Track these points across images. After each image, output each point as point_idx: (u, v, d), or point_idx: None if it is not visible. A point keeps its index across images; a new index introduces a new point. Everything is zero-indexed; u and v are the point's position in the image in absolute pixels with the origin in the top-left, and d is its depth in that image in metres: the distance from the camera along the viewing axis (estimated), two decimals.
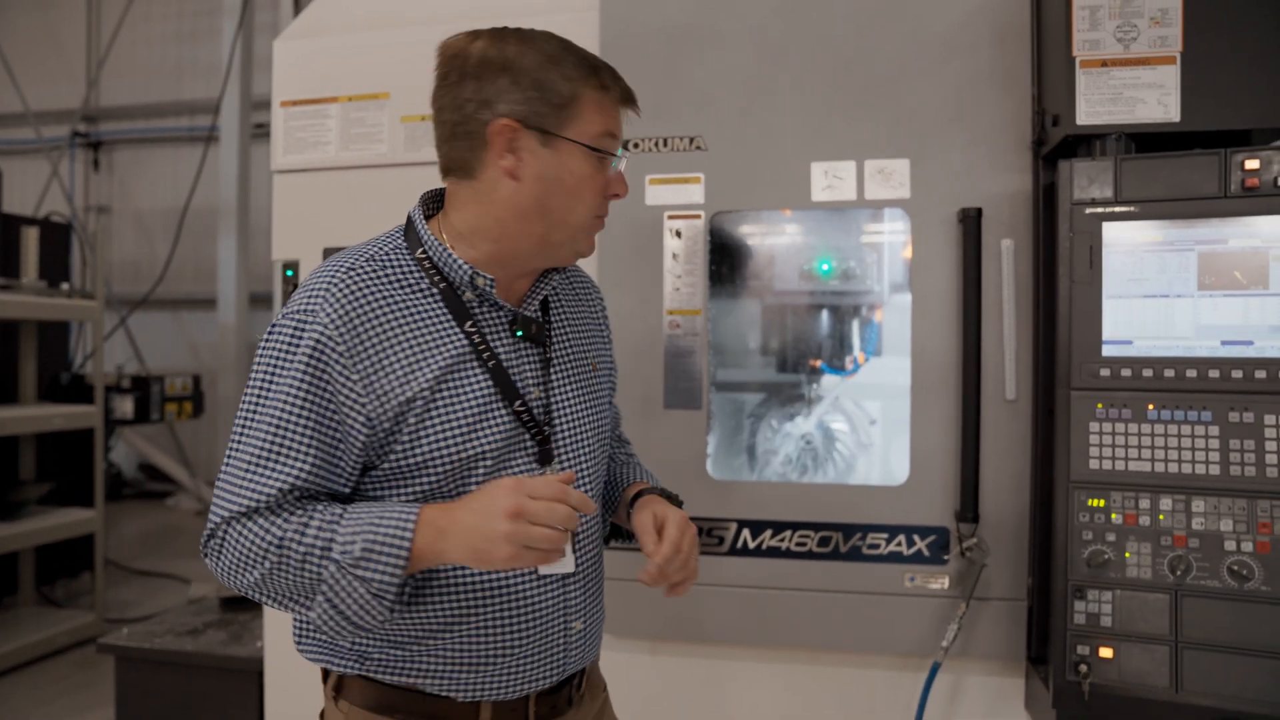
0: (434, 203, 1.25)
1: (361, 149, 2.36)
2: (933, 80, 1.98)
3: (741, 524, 2.06)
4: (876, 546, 2.00)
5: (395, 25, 2.37)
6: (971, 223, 1.91)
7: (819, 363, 2.44)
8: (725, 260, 2.33)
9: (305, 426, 1.08)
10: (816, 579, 2.03)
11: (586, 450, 1.26)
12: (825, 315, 2.44)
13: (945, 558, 1.96)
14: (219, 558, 1.09)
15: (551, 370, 1.24)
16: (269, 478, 1.07)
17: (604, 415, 1.34)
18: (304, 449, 1.08)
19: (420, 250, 1.18)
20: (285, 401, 1.08)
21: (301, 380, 1.08)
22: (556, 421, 1.22)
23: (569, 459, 1.23)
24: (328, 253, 2.40)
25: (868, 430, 2.40)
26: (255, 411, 1.09)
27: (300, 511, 1.08)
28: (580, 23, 2.21)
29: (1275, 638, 1.51)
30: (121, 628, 2.91)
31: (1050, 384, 1.89)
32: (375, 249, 1.18)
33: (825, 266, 2.39)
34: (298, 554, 1.05)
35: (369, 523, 1.06)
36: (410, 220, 1.22)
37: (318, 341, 1.08)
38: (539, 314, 1.26)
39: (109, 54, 8.16)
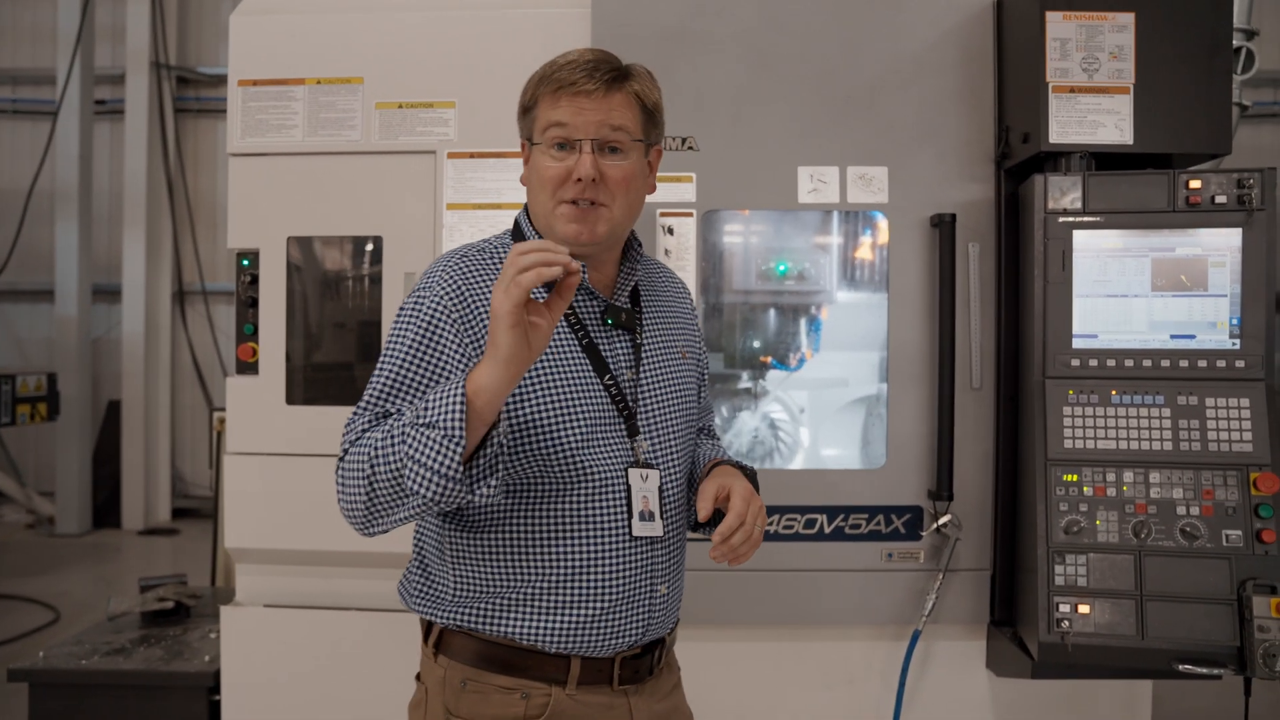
0: None
1: (331, 134, 2.26)
2: (908, 95, 2.15)
3: None
4: (858, 526, 2.15)
5: (369, 8, 2.28)
6: (946, 227, 2.09)
7: (770, 358, 2.57)
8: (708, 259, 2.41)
9: (416, 377, 1.24)
10: (802, 559, 2.15)
11: (673, 428, 1.36)
12: (801, 311, 2.58)
13: (921, 533, 2.14)
14: (341, 494, 1.21)
15: (642, 354, 1.35)
16: (372, 416, 1.24)
17: (690, 399, 1.42)
18: (412, 396, 1.23)
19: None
20: (401, 359, 1.25)
21: (415, 341, 1.25)
22: (644, 400, 1.33)
23: (655, 434, 1.33)
24: (292, 242, 2.28)
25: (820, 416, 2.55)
26: (377, 373, 1.26)
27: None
28: (569, 19, 2.23)
29: (1219, 587, 1.78)
30: None
31: (1013, 373, 2.11)
32: (485, 244, 1.36)
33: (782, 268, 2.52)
34: (383, 445, 1.15)
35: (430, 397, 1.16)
36: (517, 223, 1.39)
37: (433, 311, 1.26)
38: (628, 304, 1.37)
39: None
